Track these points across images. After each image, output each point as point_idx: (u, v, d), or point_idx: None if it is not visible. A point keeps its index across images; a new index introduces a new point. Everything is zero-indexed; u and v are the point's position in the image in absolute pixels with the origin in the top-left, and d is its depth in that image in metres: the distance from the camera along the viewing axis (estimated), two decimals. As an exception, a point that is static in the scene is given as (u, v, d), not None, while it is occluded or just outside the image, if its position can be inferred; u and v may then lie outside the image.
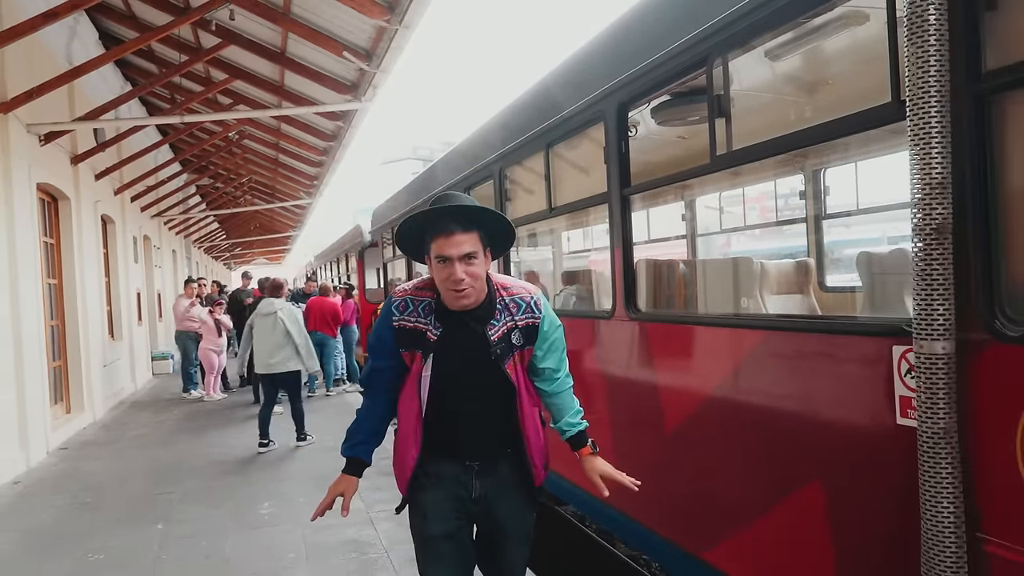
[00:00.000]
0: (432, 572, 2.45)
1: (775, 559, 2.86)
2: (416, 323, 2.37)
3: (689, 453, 3.39)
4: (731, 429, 3.08)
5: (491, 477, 2.45)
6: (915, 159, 2.00)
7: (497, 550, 2.54)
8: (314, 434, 8.34)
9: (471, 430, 2.43)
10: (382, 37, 7.95)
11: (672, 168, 3.91)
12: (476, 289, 2.29)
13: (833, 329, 2.66)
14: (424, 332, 2.36)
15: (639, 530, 3.86)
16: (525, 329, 2.39)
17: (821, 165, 5.44)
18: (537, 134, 4.77)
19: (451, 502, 2.44)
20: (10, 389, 7.33)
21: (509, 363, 2.36)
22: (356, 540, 4.94)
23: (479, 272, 2.27)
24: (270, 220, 27.91)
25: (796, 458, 2.70)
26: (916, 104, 1.98)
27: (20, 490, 6.78)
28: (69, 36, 9.82)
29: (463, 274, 2.23)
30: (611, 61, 3.86)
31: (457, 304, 2.31)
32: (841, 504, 2.51)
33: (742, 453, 3.02)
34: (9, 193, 7.53)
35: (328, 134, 12.92)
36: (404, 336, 2.38)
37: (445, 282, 2.27)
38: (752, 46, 2.98)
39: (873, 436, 2.35)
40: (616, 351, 4.08)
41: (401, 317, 2.39)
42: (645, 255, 6.40)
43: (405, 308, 2.40)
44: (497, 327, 2.35)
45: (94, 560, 4.85)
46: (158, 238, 17.88)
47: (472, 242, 2.25)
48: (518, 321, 2.38)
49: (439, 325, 2.35)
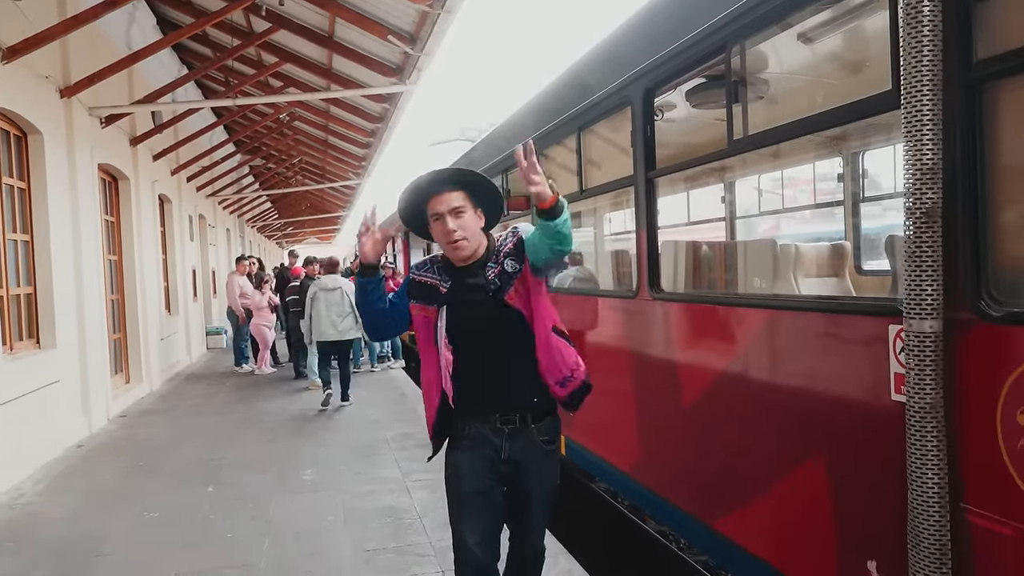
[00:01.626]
0: (466, 525, 2.62)
1: (780, 530, 2.98)
2: (430, 278, 2.65)
3: (704, 428, 3.52)
4: (742, 405, 3.20)
5: (520, 440, 2.61)
6: (908, 146, 2.08)
7: (523, 511, 2.70)
8: (357, 404, 8.93)
9: (492, 377, 2.60)
10: (425, 21, 8.12)
11: (698, 152, 4.00)
12: (471, 242, 2.55)
13: (835, 309, 2.77)
14: (436, 286, 2.63)
15: (663, 504, 4.00)
16: (513, 251, 2.56)
17: (861, 148, 5.44)
18: (569, 117, 4.88)
19: (483, 462, 2.62)
20: (74, 359, 7.78)
21: (510, 293, 2.53)
22: (392, 507, 5.18)
23: (469, 224, 2.55)
24: (320, 200, 28.48)
25: (802, 433, 2.81)
26: (910, 92, 2.06)
27: (83, 453, 7.22)
28: (128, 22, 10.22)
29: (454, 225, 2.51)
30: (638, 47, 3.95)
31: (456, 256, 2.57)
32: (841, 476, 2.61)
33: (753, 428, 3.13)
34: (73, 173, 7.95)
35: (375, 116, 13.18)
36: (418, 289, 2.66)
37: (442, 238, 2.55)
38: (768, 34, 3.05)
39: (870, 411, 2.45)
40: (639, 329, 4.20)
41: (418, 272, 2.70)
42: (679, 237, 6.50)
43: (423, 266, 2.72)
44: (492, 267, 2.58)
45: (149, 518, 5.19)
46: (213, 217, 18.46)
47: (459, 198, 2.54)
48: (505, 249, 2.58)
49: (448, 279, 2.62)
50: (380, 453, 6.73)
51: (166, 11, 11.07)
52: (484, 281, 2.56)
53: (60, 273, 7.45)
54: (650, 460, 4.16)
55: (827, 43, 3.45)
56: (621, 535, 5.59)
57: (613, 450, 4.65)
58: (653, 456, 4.13)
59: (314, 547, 4.54)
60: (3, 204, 6.60)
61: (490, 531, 2.66)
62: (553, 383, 2.60)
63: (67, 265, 7.71)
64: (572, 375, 2.63)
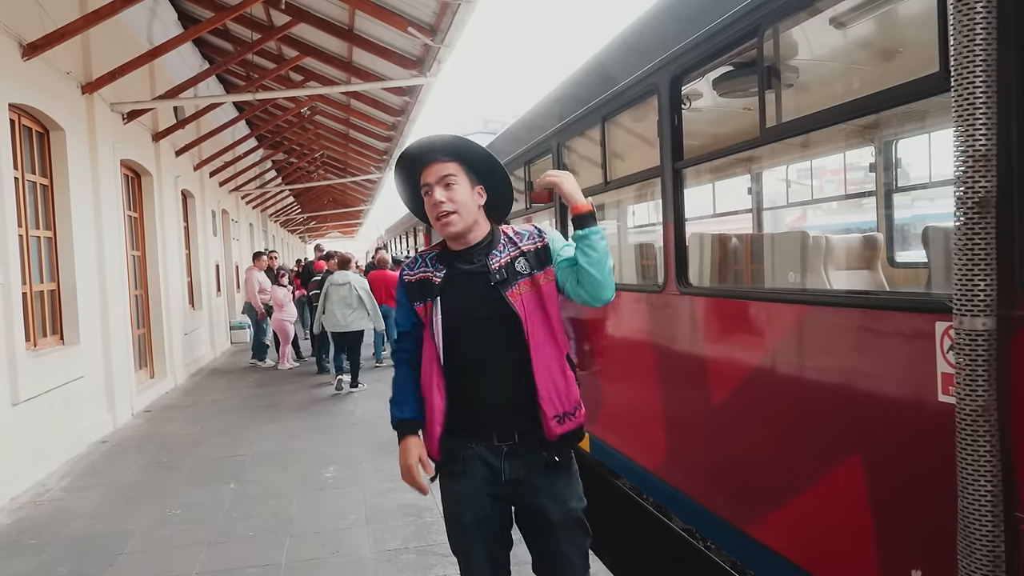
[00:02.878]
0: (471, 558, 2.38)
1: (817, 535, 2.86)
2: (423, 273, 2.37)
3: (733, 427, 3.40)
4: (775, 404, 3.07)
5: (523, 458, 2.29)
6: (959, 131, 1.95)
7: (541, 537, 2.35)
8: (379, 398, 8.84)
9: (489, 386, 2.29)
10: (445, 12, 8.01)
11: (731, 142, 3.87)
12: (463, 217, 2.26)
13: (877, 304, 2.62)
14: (430, 279, 2.34)
15: (690, 504, 3.89)
16: (533, 254, 2.29)
17: (894, 136, 5.28)
18: (593, 107, 4.76)
19: (484, 486, 2.32)
20: (98, 355, 7.80)
21: (512, 290, 2.24)
22: (414, 504, 5.11)
23: (461, 197, 2.26)
24: (343, 194, 28.54)
25: (840, 433, 2.69)
26: (961, 74, 1.92)
27: (107, 448, 7.24)
28: (150, 18, 10.23)
29: (442, 196, 2.24)
30: (664, 33, 3.82)
31: (446, 232, 2.29)
32: (883, 479, 2.49)
33: (786, 429, 3.01)
34: (95, 169, 7.96)
35: (396, 109, 13.11)
36: (415, 289, 2.38)
37: (431, 211, 2.28)
38: (803, 17, 2.91)
39: (915, 412, 2.32)
40: (666, 324, 4.08)
41: (410, 272, 2.42)
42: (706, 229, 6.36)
43: (414, 264, 2.44)
44: (499, 257, 2.29)
45: (172, 515, 5.17)
46: (236, 212, 18.53)
47: (451, 168, 2.27)
48: (523, 247, 2.31)
49: (442, 268, 2.34)
50: (402, 449, 6.66)
51: (187, 6, 11.06)
52: (486, 269, 2.28)
53: (83, 269, 7.47)
54: (676, 458, 4.04)
55: (865, 24, 3.30)
56: (647, 534, 5.48)
57: (638, 447, 4.54)
58: (679, 454, 4.01)
59: (335, 546, 4.48)
60: (26, 200, 6.61)
61: (498, 561, 2.40)
62: (550, 416, 2.25)
63: (90, 261, 7.73)
64: (574, 413, 2.32)
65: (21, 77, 6.30)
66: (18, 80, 6.24)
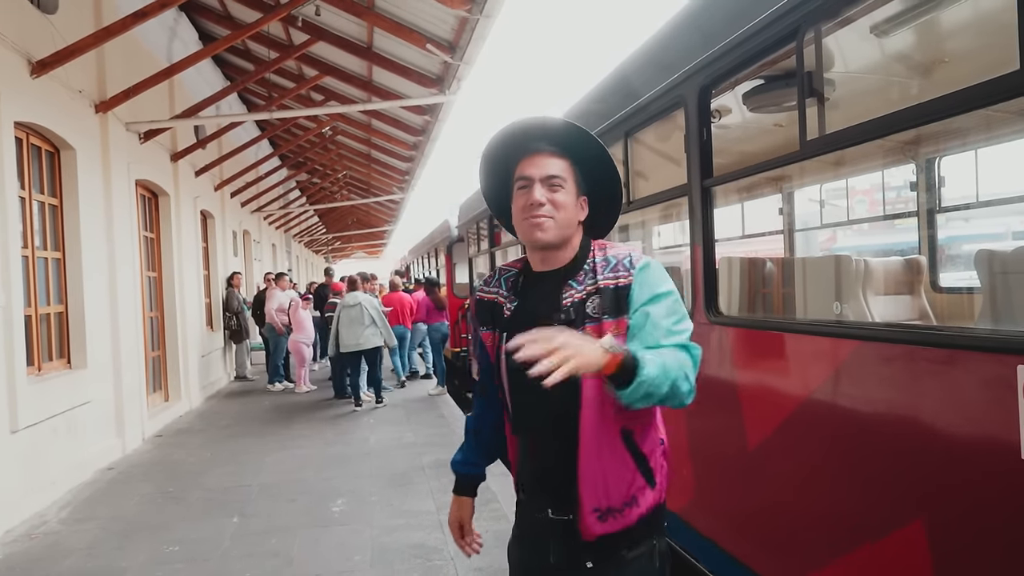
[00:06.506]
0: None
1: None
2: (496, 295, 1.95)
3: (770, 474, 3.05)
4: (819, 452, 2.72)
5: (575, 540, 1.80)
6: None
7: None
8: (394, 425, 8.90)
9: (549, 440, 1.84)
10: (464, 28, 7.82)
11: (762, 157, 3.56)
12: (558, 226, 1.80)
13: (942, 342, 2.27)
14: (502, 306, 1.92)
15: (720, 554, 3.54)
16: (609, 292, 1.76)
17: (936, 153, 4.93)
18: (615, 122, 4.47)
19: (532, 564, 1.95)
20: (107, 379, 7.61)
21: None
22: (423, 544, 4.80)
23: (565, 201, 1.80)
24: (366, 215, 28.55)
25: (896, 490, 2.33)
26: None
27: (112, 476, 7.01)
28: (170, 38, 10.15)
29: (543, 197, 1.78)
30: (692, 40, 3.53)
31: (534, 237, 1.81)
32: (949, 546, 2.13)
33: (832, 480, 2.66)
34: (108, 190, 7.81)
35: (417, 129, 12.96)
36: (485, 309, 1.98)
37: (522, 211, 1.82)
38: (848, 17, 2.60)
39: (991, 471, 1.97)
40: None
41: (484, 289, 2.02)
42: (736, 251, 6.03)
43: (490, 281, 2.02)
44: (575, 290, 1.80)
45: (169, 552, 4.90)
46: (258, 232, 18.46)
47: (560, 167, 1.81)
48: (601, 281, 1.78)
49: (515, 298, 1.91)
50: (415, 482, 6.36)
51: (209, 26, 11.00)
52: (558, 302, 1.80)
53: (93, 291, 7.29)
54: (704, 503, 3.69)
55: (921, 24, 2.98)
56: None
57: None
58: (708, 499, 3.66)
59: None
60: (33, 221, 6.45)
61: None
62: (589, 508, 1.75)
63: (101, 283, 7.56)
64: (622, 510, 1.77)
65: (29, 95, 6.16)
66: (26, 98, 6.10)
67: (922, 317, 4.28)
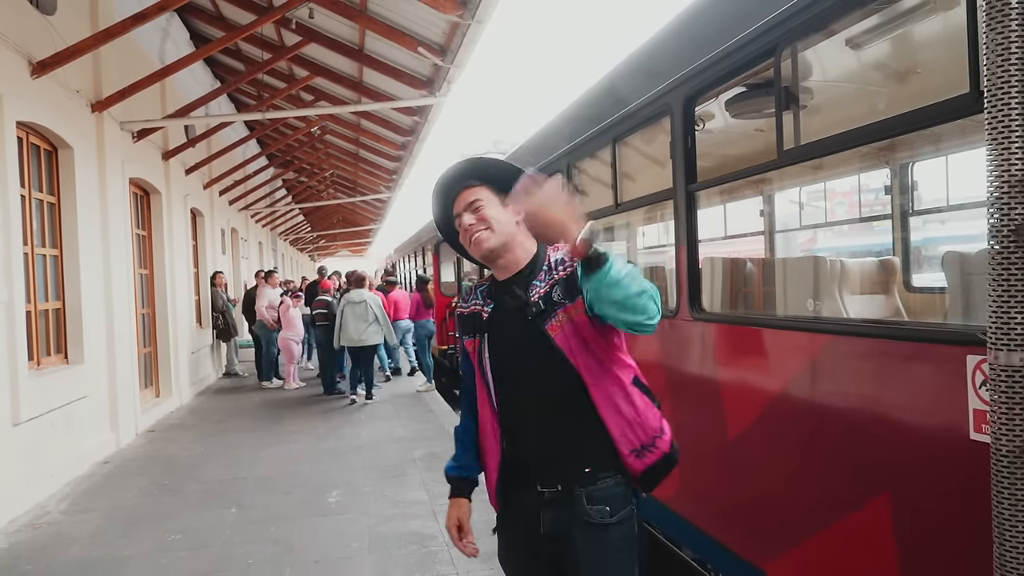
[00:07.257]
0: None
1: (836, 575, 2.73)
2: (473, 306, 2.23)
3: (749, 460, 3.27)
4: (793, 438, 2.95)
5: (565, 510, 2.04)
6: (993, 155, 1.84)
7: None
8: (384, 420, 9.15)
9: (534, 430, 2.09)
10: (455, 32, 8.00)
11: (743, 164, 3.78)
12: (496, 232, 2.09)
13: (903, 335, 2.50)
14: (480, 313, 2.20)
15: (703, 539, 3.76)
16: (565, 280, 2.05)
17: (909, 159, 5.17)
18: (604, 128, 4.68)
19: (524, 542, 2.15)
20: (102, 374, 7.73)
21: (552, 324, 2.02)
22: (419, 532, 4.99)
23: (490, 213, 2.09)
24: (352, 213, 28.62)
25: (861, 471, 2.56)
26: (995, 95, 1.82)
27: (109, 470, 7.14)
28: (162, 38, 10.27)
29: (471, 219, 2.09)
30: (678, 53, 3.74)
31: (480, 250, 2.10)
32: (909, 521, 2.36)
33: (805, 464, 2.88)
34: (103, 188, 7.94)
35: (406, 129, 13.12)
36: (465, 323, 2.25)
37: (463, 236, 2.14)
38: (821, 36, 2.83)
39: (944, 450, 2.20)
40: (678, 352, 3.97)
41: (462, 304, 2.29)
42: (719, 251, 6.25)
43: (467, 295, 2.30)
44: (539, 286, 2.08)
45: (171, 540, 5.06)
46: (245, 230, 18.53)
47: (478, 192, 2.12)
48: (557, 274, 2.08)
49: (490, 302, 2.19)
50: (407, 474, 6.55)
51: (200, 26, 11.12)
52: (525, 300, 2.07)
53: (89, 287, 7.41)
54: (689, 491, 3.91)
55: (885, 44, 3.21)
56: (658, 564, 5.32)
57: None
58: (692, 487, 3.88)
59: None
60: (32, 219, 6.57)
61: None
62: (627, 451, 2.04)
63: (97, 280, 7.68)
64: (653, 444, 2.07)
65: (30, 95, 6.28)
66: (26, 98, 6.22)
67: (895, 315, 4.53)
